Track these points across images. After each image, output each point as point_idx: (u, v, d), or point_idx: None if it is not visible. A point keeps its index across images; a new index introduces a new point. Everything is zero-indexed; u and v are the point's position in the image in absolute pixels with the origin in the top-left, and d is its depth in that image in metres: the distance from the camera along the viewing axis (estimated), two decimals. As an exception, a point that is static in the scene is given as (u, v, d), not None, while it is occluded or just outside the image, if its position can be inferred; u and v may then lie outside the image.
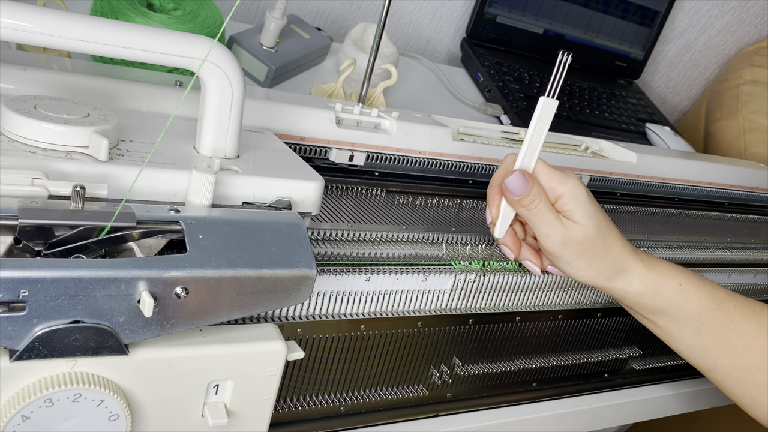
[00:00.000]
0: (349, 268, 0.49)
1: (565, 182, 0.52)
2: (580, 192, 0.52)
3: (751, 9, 1.50)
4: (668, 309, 0.56)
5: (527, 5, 1.15)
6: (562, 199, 0.52)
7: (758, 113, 1.30)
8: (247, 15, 1.03)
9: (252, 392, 0.42)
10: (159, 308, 0.36)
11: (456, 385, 0.59)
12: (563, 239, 0.51)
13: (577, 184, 0.52)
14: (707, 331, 0.57)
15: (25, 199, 0.36)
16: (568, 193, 0.51)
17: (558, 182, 0.52)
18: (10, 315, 0.33)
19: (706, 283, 0.57)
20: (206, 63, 0.41)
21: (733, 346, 0.56)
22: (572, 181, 0.52)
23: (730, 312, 0.56)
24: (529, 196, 0.51)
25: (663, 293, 0.55)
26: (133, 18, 0.65)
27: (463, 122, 0.72)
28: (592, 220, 0.52)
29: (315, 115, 0.58)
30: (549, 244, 0.52)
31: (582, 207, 0.51)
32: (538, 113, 0.51)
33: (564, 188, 0.51)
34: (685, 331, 0.57)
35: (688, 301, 0.56)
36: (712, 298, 0.56)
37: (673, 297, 0.55)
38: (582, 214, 0.51)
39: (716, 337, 0.57)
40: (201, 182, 0.41)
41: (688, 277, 0.56)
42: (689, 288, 0.56)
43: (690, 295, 0.56)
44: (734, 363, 0.57)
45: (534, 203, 0.51)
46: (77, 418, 0.36)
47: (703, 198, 0.88)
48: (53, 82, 0.48)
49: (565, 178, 0.52)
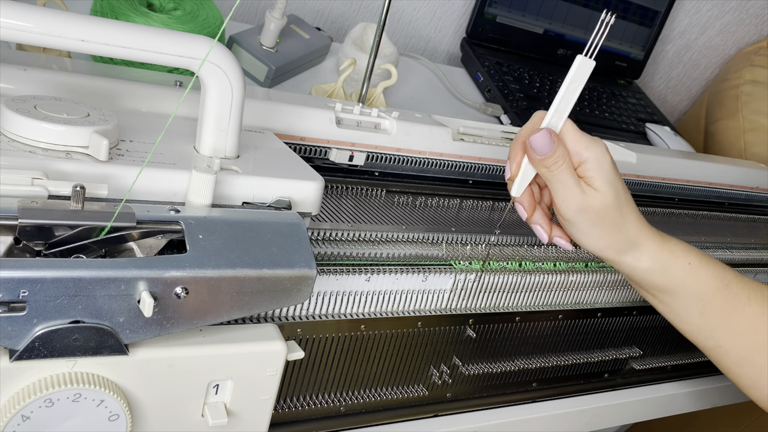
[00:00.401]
0: (349, 268, 0.49)
1: (591, 147, 0.50)
2: (605, 159, 0.51)
3: (751, 9, 1.50)
4: (675, 287, 0.55)
5: (527, 5, 1.15)
6: (585, 164, 0.50)
7: (758, 113, 1.30)
8: (247, 15, 1.03)
9: (252, 392, 0.42)
10: (159, 308, 0.36)
11: (456, 385, 0.59)
12: (581, 205, 0.50)
13: (603, 151, 0.51)
14: (713, 311, 0.56)
15: (25, 199, 0.36)
16: (593, 158, 0.50)
17: (584, 146, 0.50)
18: (10, 315, 0.33)
19: (715, 263, 0.56)
20: (206, 63, 0.41)
21: (737, 328, 0.56)
22: (599, 147, 0.51)
23: (738, 294, 0.56)
24: (553, 157, 0.49)
25: (671, 271, 0.54)
26: (133, 18, 0.65)
27: (463, 122, 0.72)
28: (612, 189, 0.51)
29: (315, 115, 0.58)
30: (565, 209, 0.51)
31: (604, 175, 0.50)
32: (574, 72, 0.49)
33: (589, 153, 0.50)
34: (691, 310, 0.56)
35: (696, 281, 0.55)
36: (721, 278, 0.56)
37: (681, 276, 0.55)
38: (603, 182, 0.50)
39: (721, 318, 0.56)
40: (201, 182, 0.41)
41: (699, 257, 0.55)
42: (698, 267, 0.55)
43: (698, 274, 0.55)
44: (737, 344, 0.56)
45: (557, 164, 0.49)
46: (77, 418, 0.36)
47: (703, 198, 0.88)
48: (53, 82, 0.48)
49: (592, 143, 0.51)
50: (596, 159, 0.50)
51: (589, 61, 0.49)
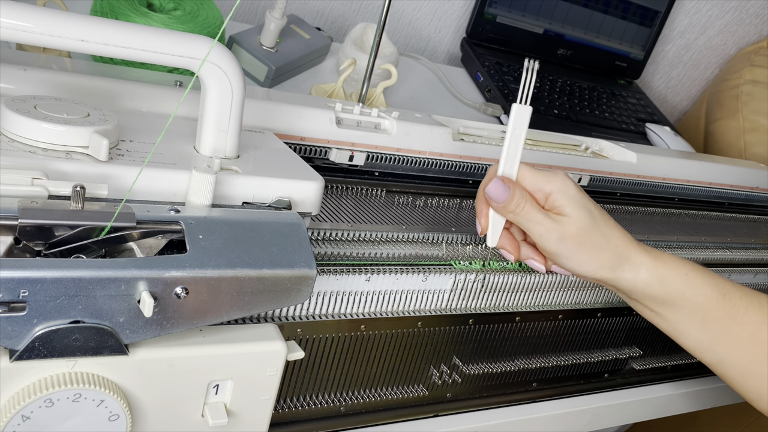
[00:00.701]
0: (349, 268, 0.49)
1: (551, 180, 0.52)
2: (567, 186, 0.52)
3: (751, 9, 1.50)
4: (676, 299, 0.55)
5: (527, 5, 1.15)
6: (551, 196, 0.52)
7: (758, 113, 1.30)
8: (247, 15, 1.03)
9: (252, 392, 0.42)
10: (159, 308, 0.36)
11: (456, 385, 0.59)
12: (558, 235, 0.51)
13: (563, 180, 0.52)
14: (714, 322, 0.56)
15: (25, 199, 0.36)
16: (556, 189, 0.51)
17: (544, 181, 0.52)
18: (10, 315, 0.33)
19: (710, 273, 0.57)
20: (206, 63, 0.41)
21: (738, 339, 0.56)
22: (558, 177, 0.52)
23: (736, 304, 0.56)
24: (512, 202, 0.51)
25: (670, 283, 0.55)
26: (133, 18, 0.65)
27: (463, 122, 0.72)
28: (585, 211, 0.51)
29: (315, 115, 0.58)
30: (545, 243, 0.52)
31: (572, 200, 0.51)
32: (513, 120, 0.51)
33: (551, 186, 0.52)
34: (693, 323, 0.56)
35: (695, 292, 0.55)
36: (718, 288, 0.56)
37: (680, 287, 0.55)
38: (573, 207, 0.51)
39: (722, 330, 0.56)
40: (201, 182, 0.41)
41: (694, 268, 0.56)
42: (695, 278, 0.55)
43: (697, 285, 0.55)
44: (740, 357, 0.57)
45: (519, 206, 0.51)
46: (77, 418, 0.36)
47: (703, 198, 0.88)
48: (53, 82, 0.48)
49: (551, 176, 0.52)
50: (560, 188, 0.52)
51: (526, 108, 0.51)
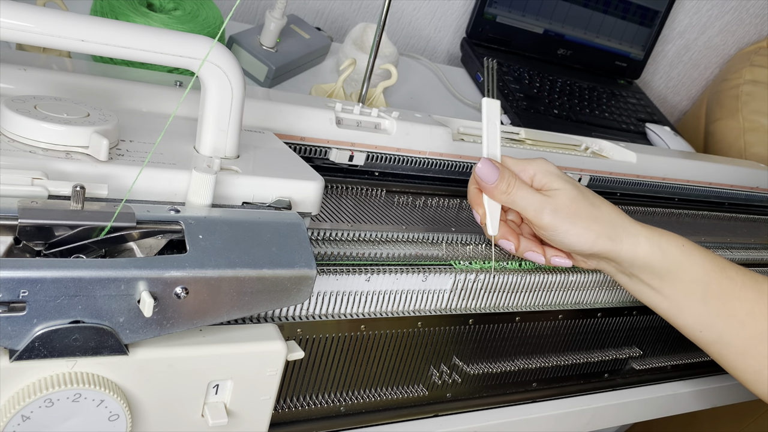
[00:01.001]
0: (349, 268, 0.49)
1: (532, 162, 0.55)
2: (548, 165, 0.55)
3: (751, 9, 1.50)
4: (676, 271, 0.55)
5: (527, 5, 1.15)
6: (536, 177, 0.54)
7: (758, 113, 1.30)
8: (247, 15, 1.03)
9: (252, 392, 0.42)
10: (159, 308, 0.36)
11: (456, 385, 0.59)
12: (551, 207, 0.52)
13: (544, 161, 0.55)
14: (713, 297, 0.56)
15: (25, 199, 0.36)
16: (539, 169, 0.54)
17: (526, 164, 0.55)
18: (10, 315, 0.33)
19: (704, 248, 0.57)
20: (206, 63, 0.41)
21: (737, 314, 0.56)
22: (539, 159, 0.55)
23: (733, 278, 0.56)
24: (503, 180, 0.53)
25: (669, 253, 0.55)
26: (133, 18, 0.65)
27: (463, 122, 0.72)
28: (570, 184, 0.54)
29: (315, 115, 0.58)
30: (540, 218, 0.53)
31: (556, 176, 0.54)
32: (485, 112, 0.56)
33: (534, 167, 0.55)
34: (693, 297, 0.56)
35: (693, 262, 0.55)
36: (715, 261, 0.56)
37: (679, 258, 0.55)
38: (559, 182, 0.54)
39: (722, 304, 0.56)
40: (201, 182, 0.41)
41: (687, 240, 0.56)
42: (692, 249, 0.56)
43: (694, 255, 0.55)
44: (739, 333, 0.56)
45: (510, 185, 0.53)
46: (77, 418, 0.36)
47: (703, 198, 0.88)
48: (53, 82, 0.48)
49: (532, 160, 0.55)
50: (541, 168, 0.55)
51: (494, 101, 0.56)
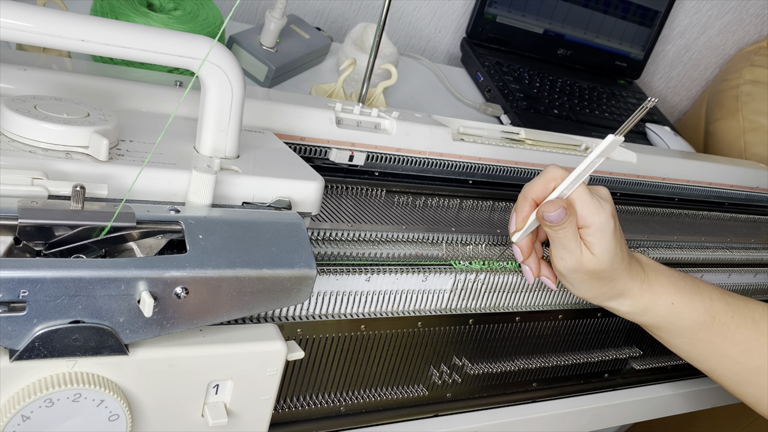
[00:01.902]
0: (349, 268, 0.49)
1: (598, 214, 0.51)
2: (608, 227, 0.51)
3: (751, 9, 1.50)
4: (659, 325, 0.58)
5: (527, 5, 1.15)
6: (589, 229, 0.51)
7: (758, 113, 1.30)
8: (247, 15, 1.03)
9: (252, 392, 0.42)
10: (159, 308, 0.36)
11: (456, 385, 0.59)
12: (575, 265, 0.52)
13: (608, 219, 0.51)
14: (701, 341, 0.58)
15: (25, 199, 0.36)
16: (597, 226, 0.51)
17: (591, 213, 0.51)
18: (10, 315, 0.33)
19: (702, 297, 0.57)
20: (206, 63, 0.41)
21: (729, 354, 0.57)
22: (605, 215, 0.51)
23: (726, 323, 0.57)
24: (563, 227, 0.50)
25: (653, 312, 0.57)
26: (133, 18, 0.65)
27: (463, 122, 0.72)
28: (609, 256, 0.52)
29: (315, 115, 0.58)
30: (562, 266, 0.53)
31: (605, 243, 0.51)
32: (603, 148, 0.49)
33: (595, 219, 0.51)
34: (679, 341, 0.59)
35: (680, 318, 0.57)
36: (707, 312, 0.57)
37: (665, 315, 0.57)
38: (602, 249, 0.51)
39: (711, 347, 0.58)
40: (201, 182, 0.41)
41: (683, 295, 0.57)
42: (681, 306, 0.57)
43: (682, 312, 0.57)
44: (732, 368, 0.58)
45: (564, 230, 0.51)
46: (77, 418, 0.36)
47: (703, 198, 0.88)
48: (53, 82, 0.48)
49: (599, 211, 0.51)
50: (600, 227, 0.51)
51: (619, 139, 0.49)
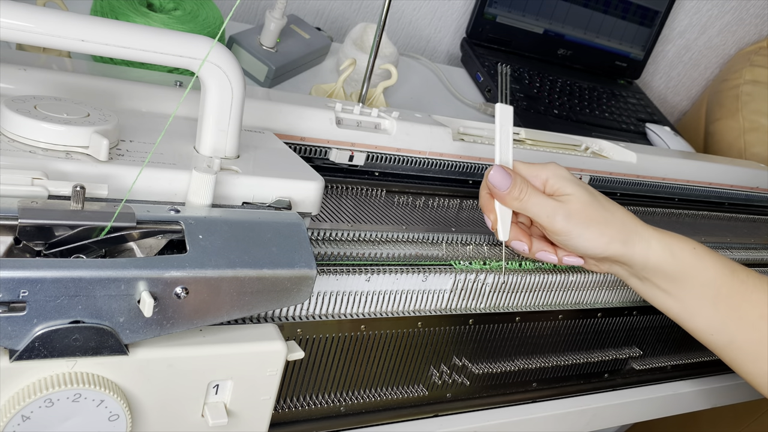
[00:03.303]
0: (349, 268, 0.49)
1: (545, 167, 0.55)
2: (561, 170, 0.55)
3: (751, 9, 1.50)
4: (687, 274, 0.55)
5: (527, 5, 1.15)
6: (548, 181, 0.54)
7: (758, 113, 1.30)
8: (247, 15, 1.03)
9: (252, 392, 0.42)
10: (159, 308, 0.36)
11: (456, 385, 0.59)
12: (564, 213, 0.53)
13: (557, 166, 0.55)
14: (724, 300, 0.56)
15: (25, 199, 0.36)
16: (551, 174, 0.54)
17: (539, 168, 0.55)
18: (10, 315, 0.33)
19: (716, 252, 0.57)
20: (206, 63, 0.41)
21: (749, 318, 0.56)
22: (551, 164, 0.55)
23: (745, 281, 0.56)
24: (516, 187, 0.53)
25: (681, 256, 0.55)
26: (133, 18, 0.65)
27: (463, 122, 0.72)
28: (582, 188, 0.54)
29: (315, 115, 0.58)
30: (554, 224, 0.53)
31: (568, 181, 0.54)
32: (498, 118, 0.55)
33: (546, 172, 0.55)
34: (704, 300, 0.56)
35: (705, 266, 0.55)
36: (726, 265, 0.56)
37: (691, 261, 0.55)
38: (571, 187, 0.54)
39: (733, 308, 0.56)
40: (201, 182, 0.41)
41: (699, 244, 0.56)
42: (703, 253, 0.56)
43: (705, 259, 0.56)
44: (750, 337, 0.56)
45: (523, 191, 0.53)
46: (77, 418, 0.36)
47: (703, 198, 0.88)
48: (53, 82, 0.48)
49: (544, 164, 0.55)
50: (554, 173, 0.55)
51: (508, 107, 0.56)
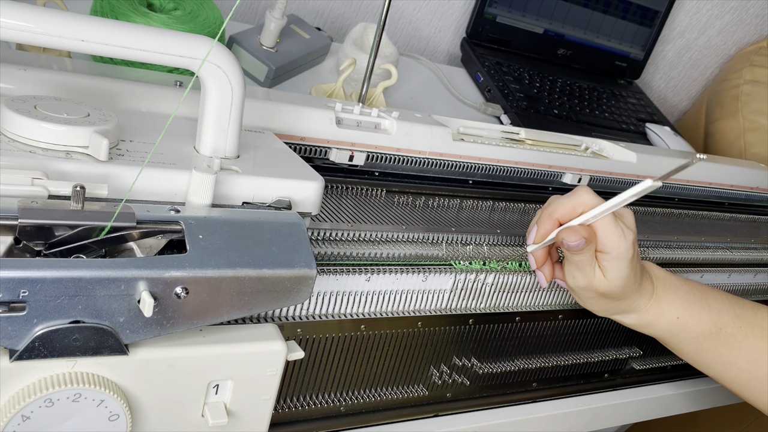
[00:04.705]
0: (349, 268, 0.49)
1: (619, 244, 0.51)
2: (626, 256, 0.51)
3: (751, 9, 1.50)
4: (664, 337, 0.59)
5: (527, 5, 1.15)
6: (607, 255, 0.52)
7: (758, 113, 1.30)
8: (247, 15, 1.03)
9: (252, 392, 0.42)
10: (159, 308, 0.36)
11: (456, 385, 0.59)
12: (587, 286, 0.53)
13: (628, 248, 0.51)
14: (707, 351, 0.58)
15: (25, 199, 0.36)
16: (616, 254, 0.51)
17: (611, 241, 0.51)
18: (10, 315, 0.33)
19: (710, 309, 0.57)
20: (206, 63, 0.41)
21: (737, 363, 0.58)
22: (626, 244, 0.51)
23: (733, 334, 0.57)
24: (582, 252, 0.51)
25: (658, 325, 0.57)
26: (133, 18, 0.65)
27: (463, 122, 0.72)
28: (621, 282, 0.53)
29: (315, 115, 0.58)
30: (572, 283, 0.54)
31: (619, 270, 0.52)
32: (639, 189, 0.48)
33: (614, 248, 0.51)
34: (685, 351, 0.59)
35: (684, 330, 0.57)
36: (714, 324, 0.57)
37: (669, 328, 0.57)
38: (615, 276, 0.52)
39: (717, 356, 0.58)
40: (201, 182, 0.41)
41: (690, 309, 0.57)
42: (687, 320, 0.57)
43: (687, 325, 0.57)
44: (741, 376, 0.58)
45: (581, 255, 0.51)
46: (77, 418, 0.36)
47: (703, 198, 0.88)
48: (53, 82, 0.48)
49: (621, 239, 0.51)
50: (618, 256, 0.51)
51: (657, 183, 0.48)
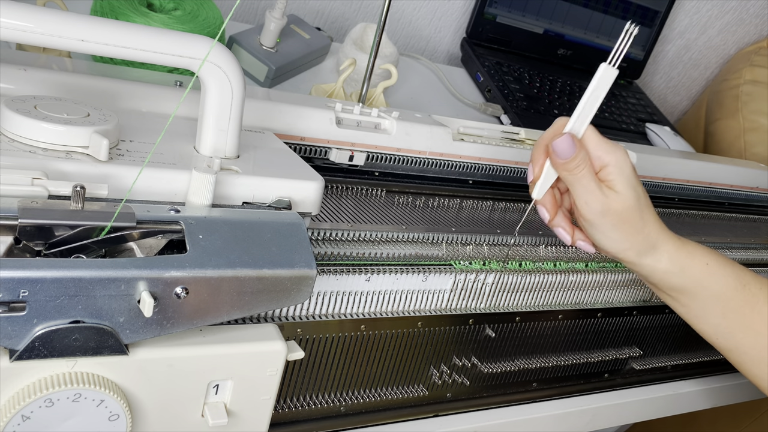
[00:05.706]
0: (349, 268, 0.49)
1: (612, 152, 0.51)
2: (626, 163, 0.52)
3: (751, 9, 1.50)
4: (694, 288, 0.56)
5: (527, 5, 1.15)
6: (606, 168, 0.51)
7: (758, 113, 1.30)
8: (247, 15, 1.03)
9: (252, 392, 0.42)
10: (159, 308, 0.36)
11: (456, 385, 0.59)
12: (602, 208, 0.51)
13: (623, 156, 0.52)
14: (732, 311, 0.57)
15: (25, 199, 0.36)
16: (614, 163, 0.51)
17: (605, 151, 0.51)
18: (10, 315, 0.33)
19: (733, 264, 0.57)
20: (206, 63, 0.41)
21: (756, 327, 0.57)
22: (620, 152, 0.52)
23: (755, 293, 0.57)
24: (575, 161, 0.50)
25: (689, 272, 0.55)
26: (133, 18, 0.65)
27: (463, 122, 0.72)
28: (633, 192, 0.52)
29: (315, 115, 0.58)
30: (587, 211, 0.52)
31: (625, 178, 0.51)
32: (597, 79, 0.49)
33: (610, 158, 0.51)
34: (711, 310, 0.57)
35: (714, 281, 0.56)
36: (738, 279, 0.56)
37: (700, 276, 0.55)
38: (624, 185, 0.51)
39: (740, 318, 0.57)
40: (201, 182, 0.41)
41: (716, 258, 0.56)
42: (716, 268, 0.56)
43: (716, 275, 0.56)
44: (756, 343, 0.57)
45: (579, 168, 0.50)
46: (77, 418, 0.36)
47: (703, 198, 0.88)
48: (53, 82, 0.48)
49: (613, 148, 0.52)
50: (617, 163, 0.51)
51: (613, 70, 0.49)
